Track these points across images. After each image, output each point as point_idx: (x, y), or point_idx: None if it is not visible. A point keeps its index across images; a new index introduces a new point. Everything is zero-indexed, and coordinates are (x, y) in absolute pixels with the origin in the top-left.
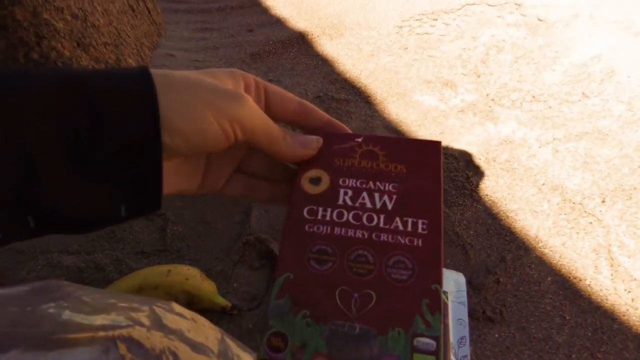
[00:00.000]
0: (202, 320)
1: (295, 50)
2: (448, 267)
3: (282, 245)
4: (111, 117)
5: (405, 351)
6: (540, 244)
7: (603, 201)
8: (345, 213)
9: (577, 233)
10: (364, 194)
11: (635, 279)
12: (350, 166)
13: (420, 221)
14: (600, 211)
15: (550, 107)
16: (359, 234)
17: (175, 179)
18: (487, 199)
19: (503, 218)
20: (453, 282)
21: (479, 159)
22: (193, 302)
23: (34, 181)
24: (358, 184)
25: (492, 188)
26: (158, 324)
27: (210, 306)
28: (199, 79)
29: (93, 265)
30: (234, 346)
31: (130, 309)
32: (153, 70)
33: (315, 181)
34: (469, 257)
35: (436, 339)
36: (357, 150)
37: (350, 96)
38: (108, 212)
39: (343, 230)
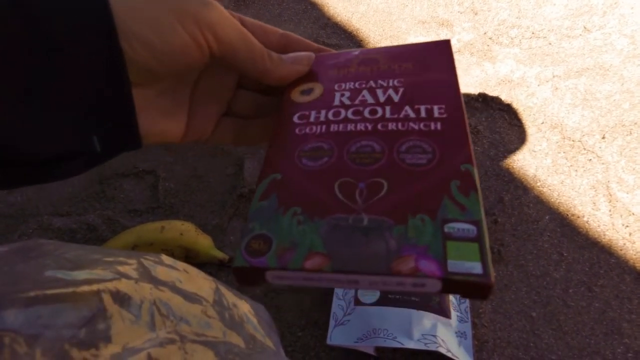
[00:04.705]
0: (194, 271)
1: None
2: None
3: (267, 151)
4: (54, 23)
5: (434, 240)
6: (538, 183)
7: (603, 137)
8: (343, 111)
9: (576, 171)
10: (364, 92)
11: (633, 214)
12: (347, 73)
13: (435, 107)
14: (600, 148)
15: (550, 44)
16: (360, 126)
17: (154, 115)
18: (485, 141)
19: (501, 159)
20: None
21: (477, 101)
22: (190, 256)
23: None
24: (356, 85)
25: (491, 129)
26: (147, 276)
27: (208, 260)
28: None
29: (85, 225)
30: (229, 295)
31: (116, 262)
32: None
33: (307, 92)
34: None
35: (476, 222)
36: (354, 61)
37: (342, 41)
38: (77, 144)
39: (341, 126)
